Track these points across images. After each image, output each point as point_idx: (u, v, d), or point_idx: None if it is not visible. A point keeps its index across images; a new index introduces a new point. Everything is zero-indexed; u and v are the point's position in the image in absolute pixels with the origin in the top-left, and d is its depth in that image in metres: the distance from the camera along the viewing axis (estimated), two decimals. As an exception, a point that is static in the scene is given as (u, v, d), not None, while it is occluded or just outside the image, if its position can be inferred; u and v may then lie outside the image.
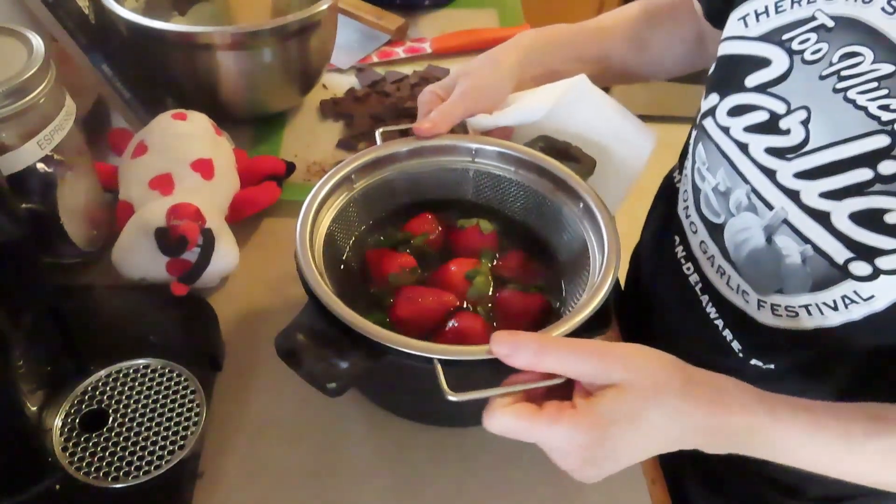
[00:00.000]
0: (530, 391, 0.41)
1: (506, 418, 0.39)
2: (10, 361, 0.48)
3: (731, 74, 0.52)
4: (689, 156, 0.60)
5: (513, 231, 0.62)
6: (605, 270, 0.50)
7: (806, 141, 0.47)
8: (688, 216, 0.60)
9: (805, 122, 0.47)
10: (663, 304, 0.66)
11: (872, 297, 0.45)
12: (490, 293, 0.56)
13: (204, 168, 0.64)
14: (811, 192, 0.47)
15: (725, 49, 0.54)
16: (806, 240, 0.48)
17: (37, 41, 0.53)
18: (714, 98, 0.54)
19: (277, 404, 0.56)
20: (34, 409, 0.50)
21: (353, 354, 0.45)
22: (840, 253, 0.46)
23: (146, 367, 0.54)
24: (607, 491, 0.52)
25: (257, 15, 0.92)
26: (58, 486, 0.47)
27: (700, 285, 0.59)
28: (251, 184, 0.70)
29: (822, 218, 0.46)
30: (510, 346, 0.40)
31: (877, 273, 0.44)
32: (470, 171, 0.62)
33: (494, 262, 0.59)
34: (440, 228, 0.61)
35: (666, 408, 0.39)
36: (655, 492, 0.53)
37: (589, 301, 0.47)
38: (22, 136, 0.52)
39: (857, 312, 0.46)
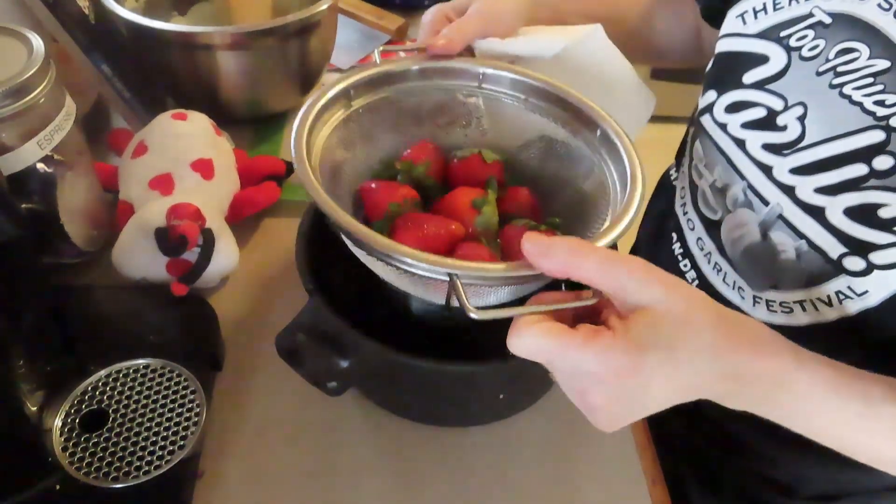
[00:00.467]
0: (557, 316, 0.37)
1: (534, 336, 0.35)
2: (10, 361, 0.48)
3: (728, 71, 0.53)
4: (687, 153, 0.60)
5: (521, 165, 0.57)
6: (629, 197, 0.44)
7: (802, 137, 0.47)
8: (685, 213, 0.60)
9: (801, 118, 0.47)
10: None
11: (866, 292, 0.45)
12: (497, 228, 0.50)
13: (204, 168, 0.64)
14: (806, 187, 0.47)
15: (723, 46, 0.54)
16: (801, 235, 0.48)
17: (37, 41, 0.53)
18: (712, 95, 0.54)
19: (277, 404, 0.56)
20: (34, 409, 0.50)
21: (353, 353, 0.45)
22: (834, 248, 0.46)
23: (146, 367, 0.54)
24: (607, 491, 0.52)
25: (257, 15, 0.92)
26: (58, 486, 0.47)
27: (696, 282, 0.59)
28: (251, 184, 0.70)
29: (817, 213, 0.46)
30: (543, 245, 0.35)
31: (870, 268, 0.44)
32: (477, 96, 0.57)
33: (500, 196, 0.53)
34: (441, 158, 0.55)
35: (699, 340, 0.35)
36: (655, 492, 0.53)
37: (612, 227, 0.42)
38: (22, 136, 0.52)
39: (851, 308, 0.47)
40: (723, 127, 0.53)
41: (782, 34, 0.48)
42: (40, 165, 0.53)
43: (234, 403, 0.55)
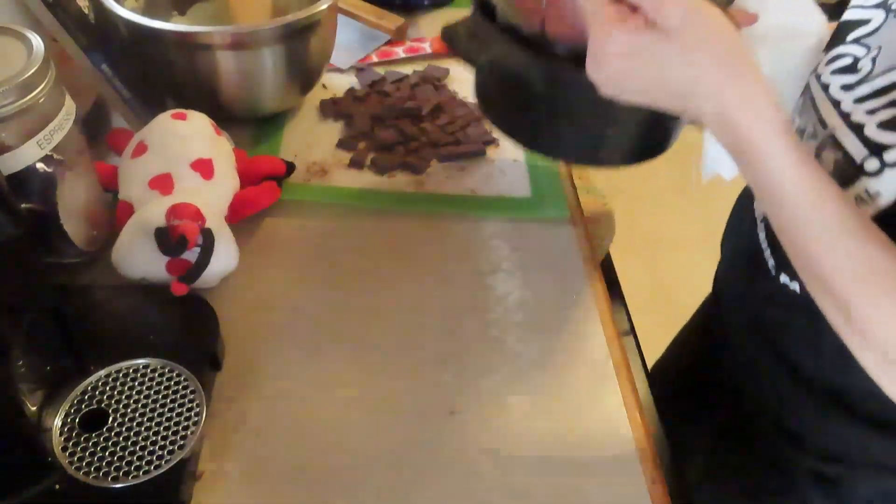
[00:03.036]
0: None
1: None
2: (10, 361, 0.48)
3: (838, 33, 0.56)
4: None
5: None
6: None
7: (870, 73, 0.49)
8: None
9: (875, 59, 0.49)
10: None
11: (878, 192, 0.46)
12: None
13: (204, 168, 0.64)
14: (859, 111, 0.49)
15: (845, 16, 0.57)
16: (844, 150, 0.49)
17: (37, 41, 0.53)
18: (823, 56, 0.57)
19: (277, 405, 0.56)
20: (34, 409, 0.50)
21: (496, 42, 0.52)
22: (860, 152, 0.47)
23: (146, 367, 0.54)
24: (607, 491, 0.52)
25: (257, 15, 0.92)
26: (58, 486, 0.47)
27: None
28: (251, 184, 0.70)
29: (858, 129, 0.48)
30: None
31: (882, 167, 0.45)
32: None
33: None
34: None
35: (695, 70, 0.40)
36: (655, 492, 0.53)
37: None
38: (22, 136, 0.52)
39: (867, 213, 0.47)
40: (817, 77, 0.55)
41: (890, 0, 0.51)
42: (40, 165, 0.53)
43: (234, 403, 0.55)
